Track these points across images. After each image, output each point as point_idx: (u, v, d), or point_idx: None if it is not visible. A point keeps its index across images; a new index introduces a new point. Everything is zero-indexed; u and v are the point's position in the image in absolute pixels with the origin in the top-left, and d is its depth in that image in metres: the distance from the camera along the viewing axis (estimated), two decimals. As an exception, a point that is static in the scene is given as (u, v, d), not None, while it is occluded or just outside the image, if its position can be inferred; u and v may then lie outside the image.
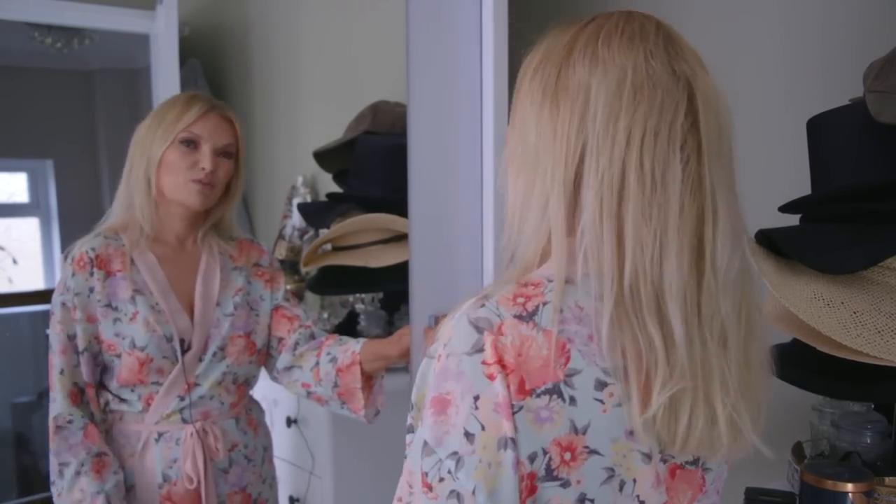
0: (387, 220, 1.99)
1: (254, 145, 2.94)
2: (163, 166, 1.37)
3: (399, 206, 1.62)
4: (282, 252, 2.48)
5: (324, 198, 2.33)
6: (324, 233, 2.20)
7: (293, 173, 2.65)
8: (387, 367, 1.43)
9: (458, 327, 0.64)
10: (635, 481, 0.66)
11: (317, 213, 2.29)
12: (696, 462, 0.71)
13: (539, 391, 0.62)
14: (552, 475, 0.63)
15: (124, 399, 1.38)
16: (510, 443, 0.62)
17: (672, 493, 0.70)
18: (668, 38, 0.69)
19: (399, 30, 1.44)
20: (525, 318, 0.63)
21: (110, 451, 1.36)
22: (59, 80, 3.42)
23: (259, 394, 1.60)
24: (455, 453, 0.63)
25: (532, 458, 0.62)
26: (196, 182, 1.36)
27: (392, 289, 2.14)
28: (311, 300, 2.41)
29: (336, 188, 2.25)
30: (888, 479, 1.01)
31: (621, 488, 0.66)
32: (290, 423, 2.00)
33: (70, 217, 3.47)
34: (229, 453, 1.44)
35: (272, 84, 2.85)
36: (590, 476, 0.64)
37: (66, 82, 3.45)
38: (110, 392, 1.38)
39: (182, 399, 1.38)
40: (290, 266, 2.43)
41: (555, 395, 0.62)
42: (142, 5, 2.61)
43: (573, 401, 0.63)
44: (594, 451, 0.64)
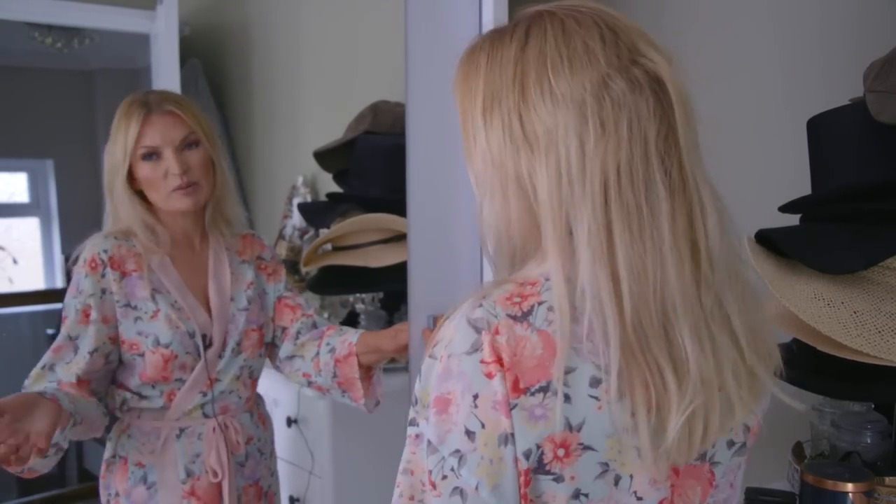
0: (387, 220, 1.99)
1: (254, 145, 2.94)
2: (141, 184, 1.36)
3: (399, 206, 1.62)
4: (282, 252, 2.48)
5: (324, 198, 2.34)
6: (324, 233, 2.20)
7: (293, 173, 2.65)
8: (383, 360, 1.43)
9: (458, 328, 0.65)
10: (632, 477, 0.66)
11: (317, 213, 2.29)
12: (702, 457, 0.70)
13: (533, 389, 0.63)
14: (544, 469, 0.64)
15: (145, 396, 1.37)
16: (510, 438, 0.63)
17: (679, 491, 0.70)
18: (611, 38, 0.66)
19: (399, 30, 1.44)
20: (520, 318, 0.64)
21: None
22: (60, 80, 3.42)
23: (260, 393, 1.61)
24: (457, 451, 0.64)
25: (527, 454, 0.63)
26: (176, 190, 1.34)
27: (392, 289, 2.15)
28: (312, 300, 2.41)
29: (336, 188, 2.25)
30: (888, 479, 1.01)
31: (616, 483, 0.66)
32: (290, 422, 2.00)
33: (70, 217, 3.47)
34: (246, 447, 1.45)
35: (272, 84, 2.85)
36: (584, 471, 0.65)
37: (67, 82, 3.46)
38: (129, 390, 1.37)
39: (204, 395, 1.39)
40: (290, 266, 2.43)
41: (548, 393, 0.63)
42: (142, 5, 2.61)
43: (567, 398, 0.63)
44: (588, 448, 0.64)
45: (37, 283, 3.47)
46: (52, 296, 3.32)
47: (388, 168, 1.99)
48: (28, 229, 3.54)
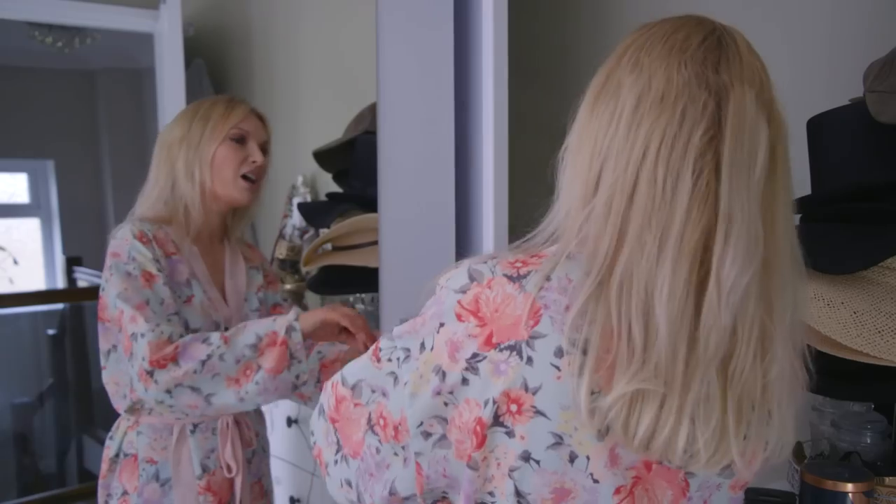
0: (387, 221, 1.99)
1: (254, 145, 2.94)
2: (214, 163, 1.40)
3: (399, 206, 1.63)
4: (282, 252, 2.48)
5: (324, 197, 2.34)
6: (324, 232, 2.20)
7: (293, 173, 2.65)
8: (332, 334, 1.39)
9: (459, 271, 0.72)
10: (588, 458, 0.67)
11: (317, 213, 2.30)
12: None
13: (503, 346, 0.67)
14: (499, 421, 0.67)
15: None
16: (442, 374, 0.70)
17: (645, 486, 0.70)
18: (716, 49, 0.70)
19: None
20: (514, 279, 0.68)
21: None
22: (61, 80, 3.42)
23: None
24: (407, 350, 0.75)
25: (485, 403, 0.68)
26: (245, 178, 1.42)
27: (392, 289, 2.15)
28: (312, 300, 2.41)
29: (336, 188, 2.25)
30: (888, 479, 1.01)
31: (572, 461, 0.67)
32: (290, 423, 2.00)
33: (71, 218, 3.47)
34: (255, 443, 1.47)
35: (273, 84, 2.85)
36: (535, 436, 0.67)
37: (68, 82, 3.45)
38: None
39: None
40: (290, 266, 2.43)
41: (514, 353, 0.66)
42: (144, 4, 2.61)
43: (530, 361, 0.66)
44: (540, 413, 0.66)
45: (37, 283, 3.47)
46: (52, 296, 3.32)
47: (388, 168, 1.99)
48: (28, 230, 3.54)
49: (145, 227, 1.36)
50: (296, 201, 2.56)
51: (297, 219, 2.52)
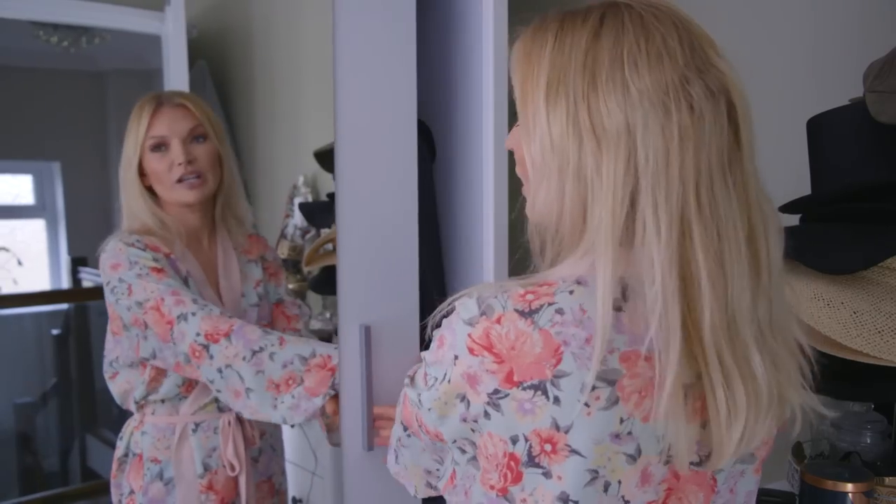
0: (388, 221, 1.99)
1: (255, 145, 2.95)
2: (149, 178, 1.39)
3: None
4: (284, 251, 2.48)
5: (325, 197, 2.34)
6: (325, 232, 2.20)
7: (294, 173, 2.66)
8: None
9: (471, 300, 0.69)
10: (620, 482, 0.67)
11: (318, 213, 2.30)
12: (700, 463, 0.70)
13: (525, 385, 0.64)
14: (534, 461, 0.65)
15: (162, 384, 1.38)
16: (466, 402, 0.69)
17: (681, 496, 0.70)
18: (688, 40, 0.67)
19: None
20: (526, 314, 0.65)
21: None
22: (67, 81, 3.41)
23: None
24: (435, 378, 0.73)
25: (514, 440, 0.65)
26: (180, 182, 1.37)
27: (393, 289, 2.14)
28: (314, 300, 2.41)
29: (337, 188, 2.25)
30: (888, 479, 1.01)
31: (606, 489, 0.67)
32: (291, 422, 2.00)
33: (77, 219, 3.47)
34: (260, 441, 1.47)
35: (274, 84, 2.85)
36: (572, 475, 0.65)
37: (75, 83, 3.45)
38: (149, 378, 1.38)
39: None
40: (292, 265, 2.43)
41: (538, 392, 0.64)
42: (150, 6, 2.62)
43: (557, 400, 0.64)
44: (575, 452, 0.65)
45: (42, 284, 3.48)
46: (57, 296, 3.33)
47: (389, 168, 1.99)
48: (33, 231, 3.55)
49: (133, 239, 1.36)
50: (297, 201, 2.56)
51: (298, 219, 2.52)
